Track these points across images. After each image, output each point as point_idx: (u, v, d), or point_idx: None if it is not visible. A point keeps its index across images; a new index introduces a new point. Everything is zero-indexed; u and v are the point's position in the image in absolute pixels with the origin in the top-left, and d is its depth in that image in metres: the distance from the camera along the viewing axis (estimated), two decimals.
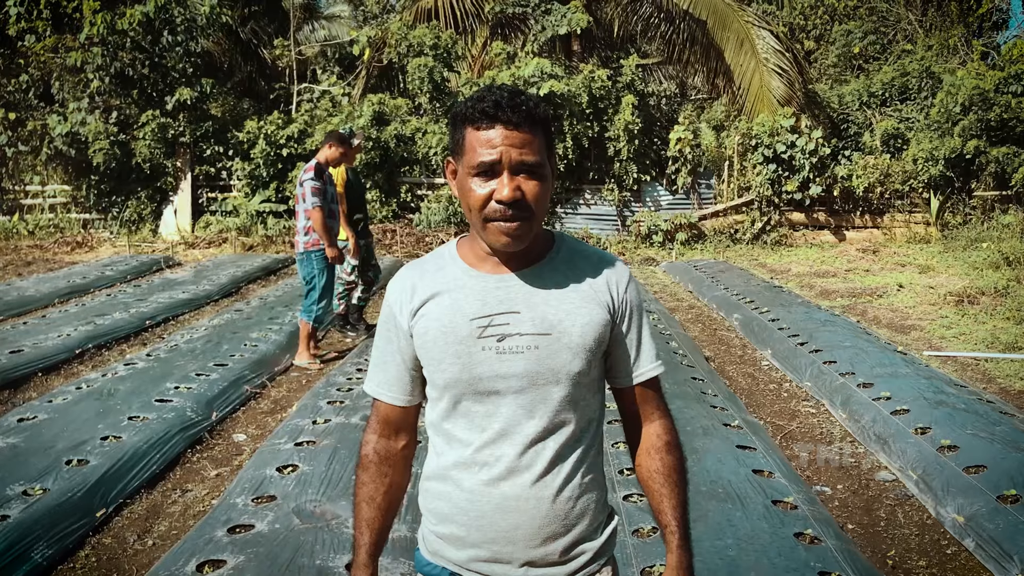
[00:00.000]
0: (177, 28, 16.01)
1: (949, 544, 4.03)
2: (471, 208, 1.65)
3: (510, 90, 1.64)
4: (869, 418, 5.51)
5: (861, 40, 24.90)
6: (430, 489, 1.80)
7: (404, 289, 1.78)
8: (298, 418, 5.46)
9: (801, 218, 15.99)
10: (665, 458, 1.80)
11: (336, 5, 27.67)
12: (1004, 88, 15.75)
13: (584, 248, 1.83)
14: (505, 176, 1.61)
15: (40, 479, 4.31)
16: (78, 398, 5.77)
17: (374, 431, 1.86)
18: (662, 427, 1.82)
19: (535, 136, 1.63)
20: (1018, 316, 8.76)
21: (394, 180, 16.23)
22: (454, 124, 1.69)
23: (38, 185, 16.86)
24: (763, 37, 16.79)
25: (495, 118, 1.60)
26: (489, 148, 1.60)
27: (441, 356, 1.69)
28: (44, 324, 8.39)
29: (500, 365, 1.66)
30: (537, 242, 1.74)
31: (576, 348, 1.68)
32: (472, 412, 1.70)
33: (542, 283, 1.71)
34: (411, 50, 16.12)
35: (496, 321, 1.68)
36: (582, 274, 1.75)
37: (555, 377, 1.67)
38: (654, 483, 1.80)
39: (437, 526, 1.77)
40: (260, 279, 12.29)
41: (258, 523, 3.91)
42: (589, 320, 1.70)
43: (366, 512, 1.84)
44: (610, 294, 1.76)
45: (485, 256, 1.73)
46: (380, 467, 1.84)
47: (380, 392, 1.84)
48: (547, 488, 1.68)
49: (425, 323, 1.71)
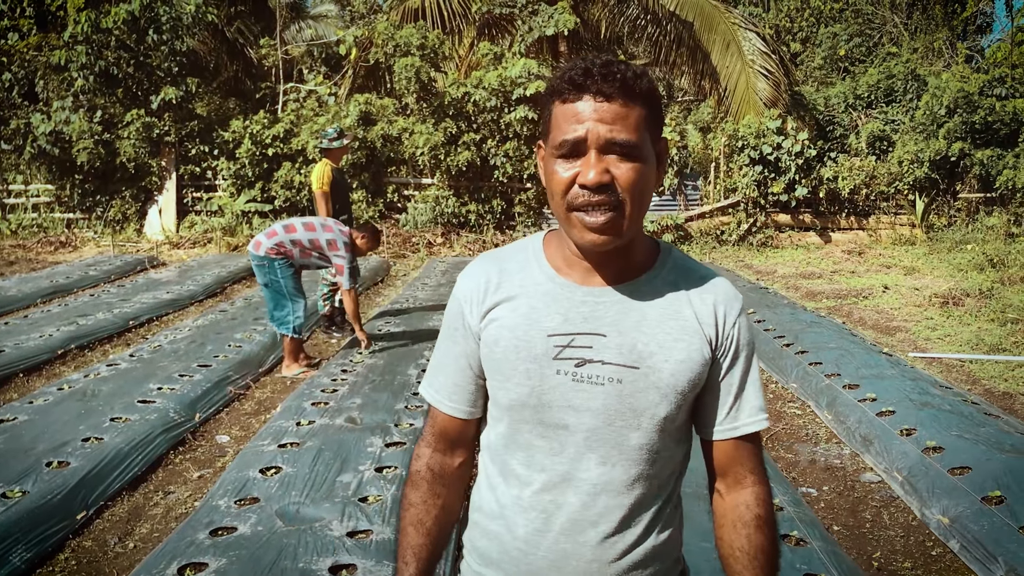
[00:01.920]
0: (162, 27, 15.91)
1: (934, 545, 4.03)
2: (554, 194, 1.41)
3: (607, 58, 1.39)
4: (854, 419, 5.51)
5: (847, 43, 25.04)
6: (479, 523, 1.57)
7: (478, 286, 1.53)
8: (282, 419, 5.42)
9: (787, 219, 16.04)
10: (753, 535, 1.51)
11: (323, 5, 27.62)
12: (988, 91, 15.84)
13: (693, 266, 1.55)
14: (592, 155, 1.35)
15: (19, 481, 4.26)
16: (59, 399, 5.72)
17: (429, 444, 1.61)
18: (754, 496, 1.53)
19: (632, 110, 1.36)
20: (1002, 318, 8.80)
21: (381, 180, 16.19)
22: (543, 102, 1.46)
23: (21, 184, 16.74)
24: (749, 39, 16.84)
25: (583, 87, 1.36)
26: (575, 123, 1.36)
27: (509, 372, 1.46)
28: (26, 324, 8.31)
29: (574, 395, 1.43)
30: (638, 250, 1.50)
31: (666, 389, 1.43)
32: (534, 446, 1.47)
33: (638, 303, 1.46)
34: (398, 50, 16.08)
35: (577, 342, 1.43)
36: (686, 298, 1.48)
37: (636, 420, 1.43)
38: (736, 563, 1.52)
39: (482, 568, 1.56)
40: (245, 279, 12.22)
41: (241, 525, 3.87)
42: (686, 356, 1.44)
43: (413, 538, 1.59)
44: (716, 327, 1.49)
45: (574, 260, 1.48)
46: (433, 486, 1.59)
47: (439, 400, 1.59)
48: (613, 550, 1.46)
49: (496, 330, 1.48)
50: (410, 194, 16.31)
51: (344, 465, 4.57)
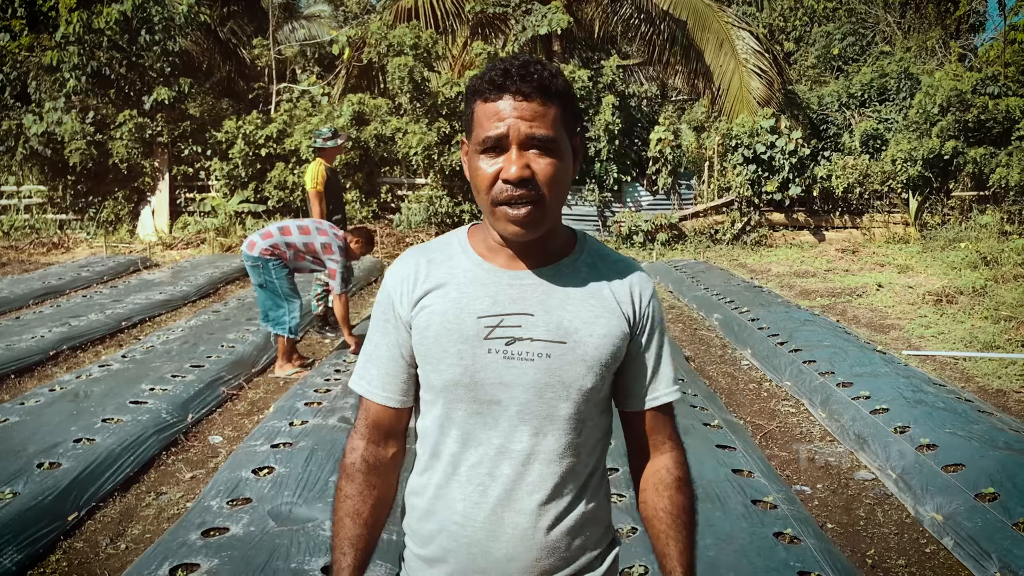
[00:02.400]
0: (155, 27, 15.87)
1: (928, 543, 4.03)
2: (478, 189, 1.49)
3: (524, 58, 1.47)
4: (848, 417, 5.51)
5: (840, 42, 25.07)
6: (416, 507, 1.62)
7: (406, 277, 1.59)
8: (275, 420, 5.39)
9: (781, 218, 16.05)
10: (675, 496, 1.62)
11: (316, 5, 27.57)
12: (981, 89, 15.87)
13: (609, 253, 1.65)
14: (513, 152, 1.44)
15: (10, 482, 4.23)
16: (51, 400, 5.68)
17: (362, 436, 1.64)
18: (673, 460, 1.64)
19: (549, 108, 1.45)
20: (996, 315, 8.81)
21: (374, 180, 16.17)
22: (466, 99, 1.52)
23: (13, 186, 16.67)
24: (743, 38, 16.85)
25: (503, 88, 1.44)
26: (496, 120, 1.44)
27: (442, 355, 1.52)
28: (18, 326, 8.27)
29: (506, 372, 1.50)
30: (557, 238, 1.59)
31: (591, 361, 1.52)
32: (469, 423, 1.53)
33: (561, 285, 1.55)
34: (391, 50, 16.06)
35: (507, 322, 1.51)
36: (604, 280, 1.58)
37: (565, 391, 1.51)
38: (660, 523, 1.62)
39: (422, 549, 1.60)
40: (238, 280, 12.19)
41: (233, 526, 3.85)
42: (607, 331, 1.54)
43: (350, 529, 1.62)
44: (633, 305, 1.59)
45: (498, 247, 1.56)
46: (368, 477, 1.63)
47: (372, 391, 1.63)
48: (547, 517, 1.52)
49: (427, 316, 1.54)
50: (404, 194, 16.29)
51: (337, 465, 4.54)
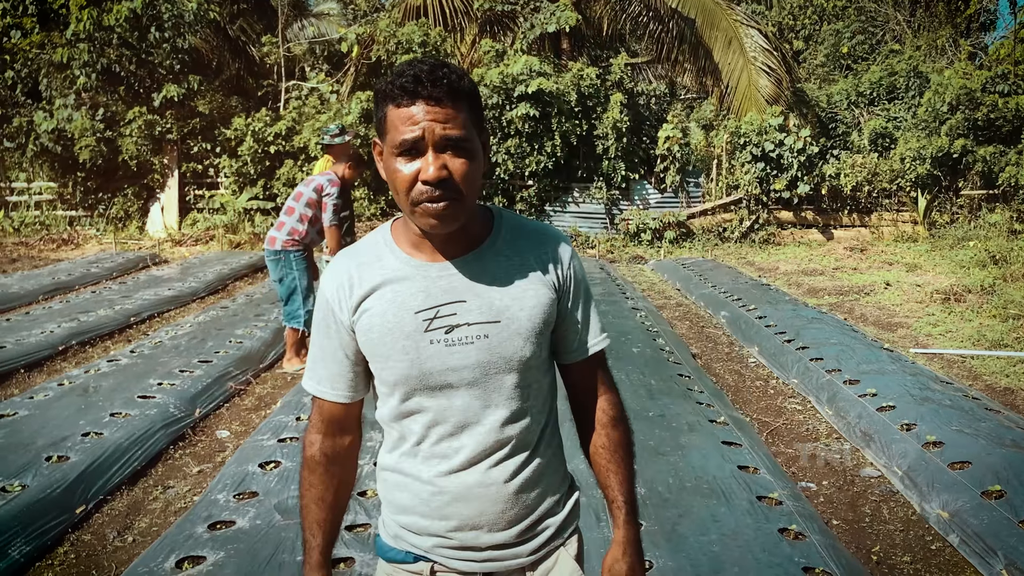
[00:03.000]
0: (164, 24, 15.93)
1: (934, 540, 4.03)
2: (397, 191, 1.56)
3: (431, 63, 1.54)
4: (855, 415, 5.50)
5: (850, 40, 24.99)
6: (388, 480, 1.75)
7: (341, 284, 1.68)
8: (282, 415, 5.42)
9: (789, 216, 16.02)
10: (611, 433, 1.77)
11: (325, 3, 27.58)
12: (991, 88, 15.81)
13: (525, 224, 1.74)
14: (430, 154, 1.51)
15: (19, 475, 4.26)
16: (60, 394, 5.72)
17: (318, 431, 1.77)
18: (608, 402, 1.78)
19: (460, 111, 1.53)
20: (1004, 314, 8.78)
21: (382, 178, 16.16)
22: (376, 103, 1.59)
23: (24, 182, 16.76)
24: (751, 36, 16.83)
25: (415, 94, 1.50)
26: (411, 125, 1.51)
27: (388, 353, 1.62)
28: (28, 321, 8.32)
29: (451, 358, 1.60)
30: (475, 225, 1.67)
31: (527, 333, 1.63)
32: (426, 407, 1.64)
33: (486, 268, 1.64)
34: (400, 47, 16.08)
35: (442, 312, 1.61)
36: (526, 254, 1.68)
37: (508, 365, 1.62)
38: (600, 458, 1.77)
39: (398, 515, 1.73)
40: (247, 276, 12.23)
41: (239, 519, 3.87)
42: (537, 302, 1.65)
43: (316, 513, 1.78)
44: (555, 272, 1.70)
45: (421, 242, 1.65)
46: (329, 468, 1.77)
47: (323, 390, 1.75)
48: (506, 472, 1.65)
49: (368, 320, 1.64)
50: None
51: None
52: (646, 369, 6.48)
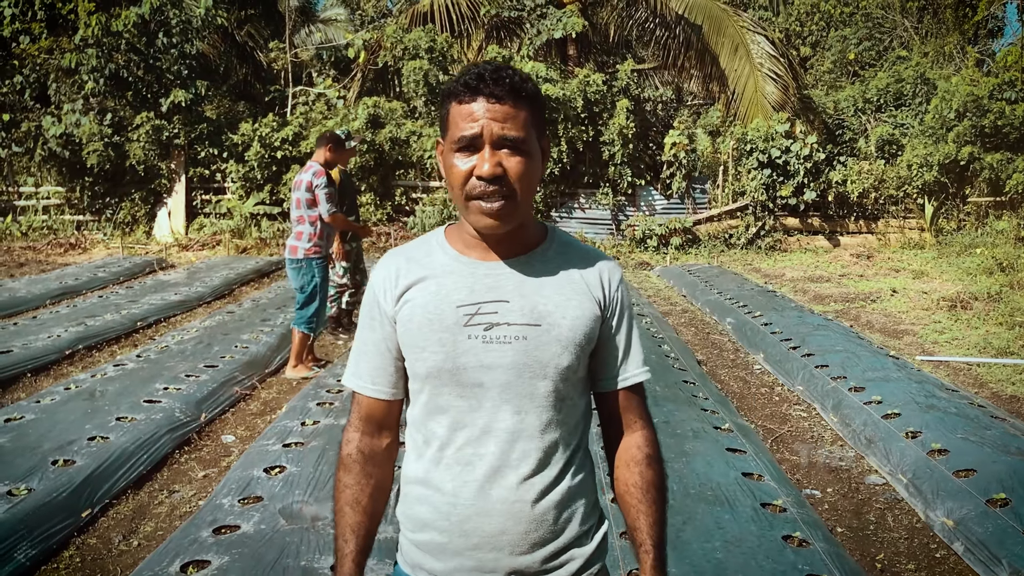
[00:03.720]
0: (172, 30, 15.99)
1: (938, 548, 4.02)
2: (453, 186, 1.58)
3: (495, 64, 1.56)
4: (860, 422, 5.49)
5: (856, 46, 24.99)
6: (409, 493, 1.69)
7: (388, 275, 1.68)
8: (287, 419, 5.43)
9: (795, 223, 16.01)
10: (644, 472, 1.69)
11: (332, 9, 27.68)
12: (998, 95, 15.79)
13: (576, 243, 1.74)
14: (486, 151, 1.53)
15: (25, 479, 4.28)
16: (66, 398, 5.74)
17: (356, 429, 1.73)
18: (643, 438, 1.72)
19: (520, 111, 1.54)
20: (1010, 321, 8.76)
21: (389, 183, 16.23)
22: (441, 101, 1.61)
23: (32, 187, 16.83)
24: (758, 42, 16.83)
25: (477, 90, 1.53)
26: (470, 121, 1.53)
27: (424, 343, 1.60)
28: (35, 325, 8.35)
29: (486, 355, 1.57)
30: (528, 231, 1.67)
31: (565, 341, 1.60)
32: (454, 406, 1.60)
33: (533, 272, 1.64)
34: (406, 53, 16.12)
35: (484, 309, 1.59)
36: (575, 267, 1.67)
37: (543, 371, 1.59)
38: (631, 498, 1.69)
39: (416, 534, 1.66)
40: (253, 281, 12.26)
41: (244, 524, 3.88)
42: (580, 313, 1.62)
43: (350, 517, 1.70)
44: (602, 289, 1.68)
45: (474, 242, 1.64)
46: (364, 467, 1.71)
47: (363, 385, 1.72)
48: (533, 490, 1.58)
49: (410, 309, 1.63)
50: (418, 197, 16.34)
51: None
52: (651, 375, 6.46)
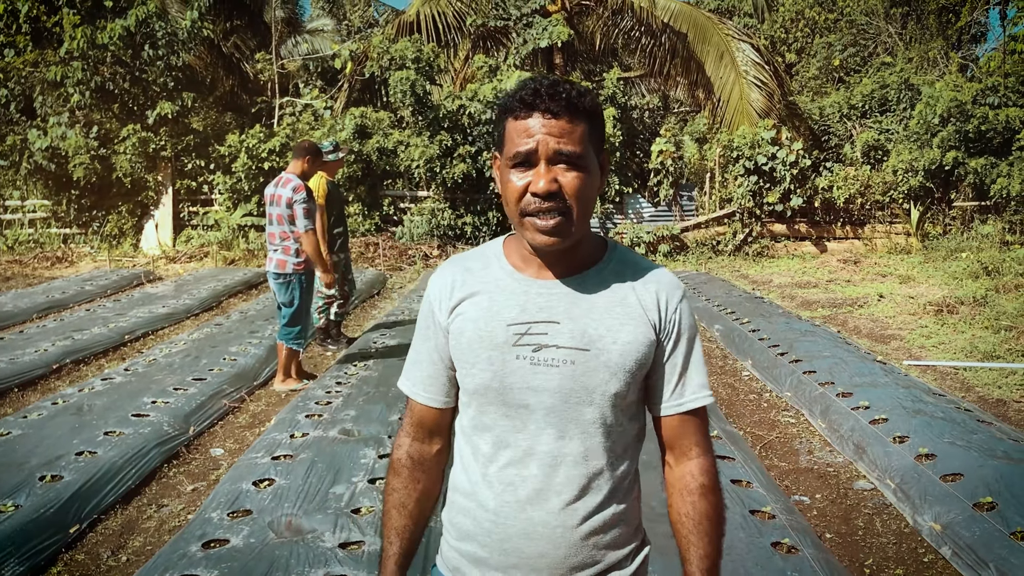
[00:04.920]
0: (158, 42, 15.97)
1: (926, 552, 4.04)
2: (508, 201, 1.56)
3: (553, 79, 1.55)
4: (848, 427, 5.52)
5: (841, 53, 25.14)
6: (455, 502, 1.70)
7: (444, 285, 1.69)
8: (276, 432, 5.42)
9: (782, 229, 16.08)
10: (698, 503, 1.65)
11: (319, 19, 27.72)
12: (982, 100, 15.91)
13: (637, 259, 1.70)
14: (542, 166, 1.51)
15: (12, 495, 4.26)
16: (53, 413, 5.71)
17: (408, 434, 1.76)
18: (699, 467, 1.67)
19: (577, 126, 1.52)
20: (996, 325, 8.82)
21: (376, 193, 16.23)
22: (497, 119, 1.60)
23: (18, 200, 16.76)
24: (743, 50, 16.92)
25: (533, 106, 1.51)
26: (526, 137, 1.51)
27: (474, 360, 1.60)
28: (21, 339, 8.31)
29: (533, 377, 1.57)
30: (586, 248, 1.65)
31: (615, 368, 1.57)
32: (499, 425, 1.61)
33: (587, 293, 1.60)
34: (393, 63, 16.14)
35: (534, 330, 1.58)
36: (631, 287, 1.63)
37: (589, 397, 1.57)
38: (683, 528, 1.66)
39: (459, 542, 1.68)
40: (241, 293, 12.23)
41: (233, 538, 3.87)
42: (632, 339, 1.59)
43: (396, 520, 1.74)
44: (659, 312, 1.63)
45: (530, 258, 1.63)
46: (413, 472, 1.75)
47: (415, 392, 1.74)
48: (575, 516, 1.58)
49: (461, 323, 1.63)
50: (406, 207, 16.35)
51: (337, 477, 4.57)
52: None
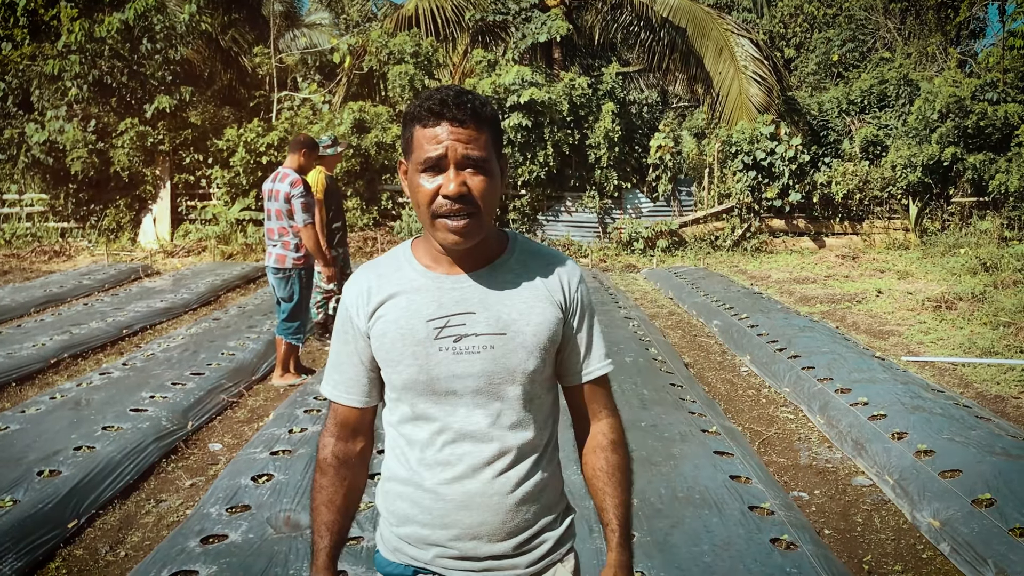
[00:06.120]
0: (156, 36, 15.92)
1: (925, 548, 4.04)
2: (419, 204, 1.66)
3: (456, 89, 1.65)
4: (846, 423, 5.52)
5: (840, 48, 25.11)
6: (391, 491, 1.80)
7: (360, 292, 1.77)
8: (274, 427, 5.41)
9: (781, 225, 16.07)
10: (610, 456, 1.81)
11: (317, 13, 27.66)
12: (980, 96, 15.90)
13: (537, 248, 1.84)
14: (451, 171, 1.62)
15: (10, 490, 4.25)
16: (51, 408, 5.71)
17: (332, 434, 1.85)
18: (608, 426, 1.83)
19: (481, 133, 1.63)
20: (995, 321, 8.82)
21: (375, 188, 16.21)
22: (404, 124, 1.70)
23: (15, 194, 16.72)
24: (742, 45, 16.90)
25: (441, 115, 1.61)
26: (435, 143, 1.61)
27: (399, 358, 1.70)
28: (19, 334, 8.30)
29: (457, 366, 1.67)
30: (490, 243, 1.76)
31: (531, 347, 1.70)
32: (431, 413, 1.71)
33: (496, 283, 1.73)
34: (392, 58, 16.11)
35: (452, 322, 1.68)
36: (535, 273, 1.76)
37: (511, 376, 1.69)
38: (598, 481, 1.81)
39: (399, 527, 1.77)
40: (239, 287, 12.22)
41: (232, 533, 3.87)
42: (543, 319, 1.72)
43: (325, 515, 1.83)
44: (562, 292, 1.77)
45: (439, 256, 1.73)
46: (339, 471, 1.83)
47: (337, 395, 1.83)
48: (508, 483, 1.70)
49: (383, 325, 1.72)
50: (404, 201, 16.32)
51: None
52: (638, 379, 6.49)
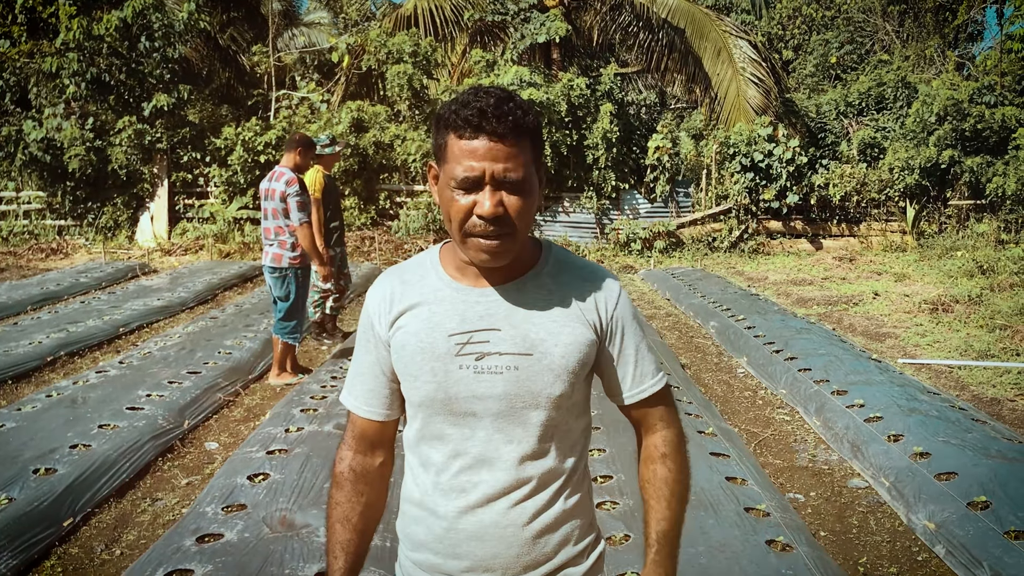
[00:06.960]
0: (154, 34, 15.90)
1: (920, 551, 4.05)
2: (451, 220, 1.55)
3: (497, 95, 1.52)
4: (842, 425, 5.52)
5: (838, 50, 25.14)
6: (407, 512, 1.71)
7: (383, 298, 1.68)
8: (271, 426, 5.41)
9: (778, 226, 16.08)
10: (658, 469, 1.71)
11: (316, 12, 27.64)
12: (978, 98, 15.93)
13: (573, 260, 1.71)
14: (487, 191, 1.50)
15: (6, 488, 4.24)
16: (48, 406, 5.70)
17: (350, 447, 1.75)
18: (662, 439, 1.72)
19: (521, 148, 1.52)
20: (991, 324, 8.83)
21: (373, 187, 16.20)
22: (437, 127, 1.57)
23: (12, 191, 16.69)
24: (740, 47, 16.91)
25: (479, 128, 1.49)
26: (472, 161, 1.50)
27: (417, 372, 1.60)
28: (15, 331, 8.29)
29: (477, 385, 1.57)
30: (523, 254, 1.64)
31: (558, 370, 1.58)
32: (447, 435, 1.61)
33: (525, 299, 1.61)
34: (390, 57, 16.10)
35: (475, 338, 1.58)
36: (568, 290, 1.64)
37: (534, 401, 1.58)
38: (645, 493, 1.73)
39: (413, 552, 1.69)
40: (236, 286, 12.21)
41: (227, 532, 3.86)
42: (573, 340, 1.60)
43: (340, 534, 1.73)
44: (597, 312, 1.65)
45: (466, 267, 1.63)
46: (356, 485, 1.74)
47: (357, 406, 1.74)
48: (524, 514, 1.60)
49: (403, 336, 1.63)
50: (402, 201, 16.32)
51: None
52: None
